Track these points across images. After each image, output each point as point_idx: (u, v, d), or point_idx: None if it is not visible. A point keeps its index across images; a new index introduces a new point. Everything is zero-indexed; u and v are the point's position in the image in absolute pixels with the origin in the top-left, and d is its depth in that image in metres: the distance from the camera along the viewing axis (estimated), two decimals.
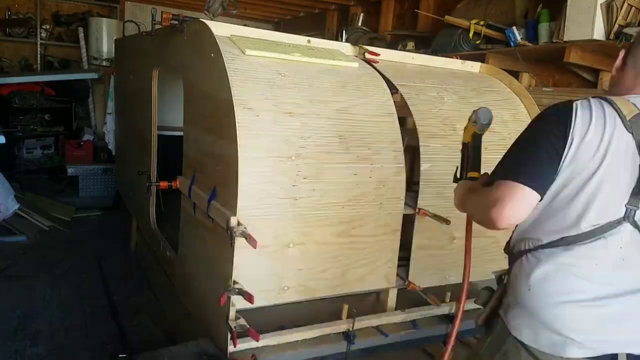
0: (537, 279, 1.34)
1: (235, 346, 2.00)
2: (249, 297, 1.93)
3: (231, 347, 2.00)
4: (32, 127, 6.28)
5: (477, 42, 3.75)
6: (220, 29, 2.31)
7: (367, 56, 2.64)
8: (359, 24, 5.56)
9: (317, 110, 2.16)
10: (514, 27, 3.45)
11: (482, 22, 3.72)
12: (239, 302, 1.98)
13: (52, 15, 7.00)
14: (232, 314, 1.99)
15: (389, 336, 2.33)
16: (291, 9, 6.80)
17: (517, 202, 1.29)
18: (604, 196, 1.28)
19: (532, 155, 1.34)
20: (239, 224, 1.93)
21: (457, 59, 3.19)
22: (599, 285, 1.29)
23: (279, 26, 7.90)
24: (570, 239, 1.31)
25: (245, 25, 2.61)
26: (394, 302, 2.48)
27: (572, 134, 1.29)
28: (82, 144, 6.18)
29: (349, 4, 6.00)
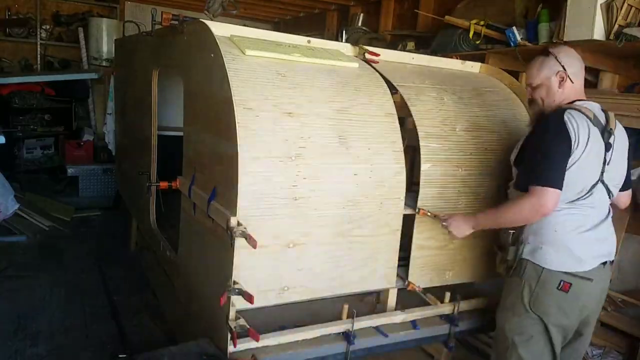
0: (559, 224, 2.03)
1: (235, 346, 2.00)
2: (249, 297, 1.93)
3: (231, 347, 2.00)
4: (32, 127, 6.29)
5: (477, 42, 3.75)
6: (220, 29, 2.31)
7: (367, 56, 2.64)
8: (359, 24, 5.56)
9: (317, 110, 2.16)
10: (514, 27, 3.44)
11: (482, 22, 3.72)
12: (239, 302, 1.98)
13: (52, 15, 7.01)
14: (232, 314, 1.99)
15: (389, 336, 2.33)
16: (291, 9, 6.81)
17: (553, 201, 1.94)
18: (589, 171, 2.01)
19: (552, 162, 1.96)
20: (239, 224, 1.93)
21: (457, 59, 3.18)
22: (591, 219, 2.05)
23: (279, 26, 7.90)
24: (575, 199, 2.02)
25: (245, 25, 2.60)
26: (394, 302, 2.48)
27: (576, 141, 1.96)
28: (82, 144, 6.19)
29: (349, 4, 6.00)
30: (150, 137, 3.27)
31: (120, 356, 2.86)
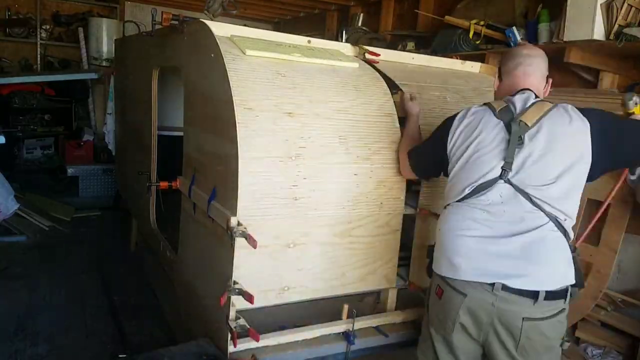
0: (442, 222, 1.92)
1: (235, 346, 2.00)
2: (249, 297, 1.94)
3: (231, 347, 2.01)
4: (32, 127, 6.29)
5: (477, 42, 3.75)
6: (220, 29, 2.31)
7: (367, 56, 2.64)
8: (359, 24, 5.55)
9: (317, 110, 2.16)
10: (514, 27, 3.44)
11: (482, 22, 3.71)
12: (239, 303, 1.99)
13: (52, 15, 7.00)
14: (232, 314, 1.99)
15: (389, 336, 2.33)
16: (291, 9, 6.80)
17: (404, 166, 2.24)
18: (479, 165, 1.82)
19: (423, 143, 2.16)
20: (239, 224, 1.93)
21: (457, 59, 3.19)
22: (487, 225, 1.78)
23: (279, 26, 7.89)
24: (463, 197, 1.85)
25: (245, 25, 2.60)
26: (394, 302, 2.48)
27: (452, 133, 1.95)
28: (82, 144, 6.18)
29: (349, 4, 6.00)
30: (150, 137, 3.27)
31: (120, 356, 2.86)
